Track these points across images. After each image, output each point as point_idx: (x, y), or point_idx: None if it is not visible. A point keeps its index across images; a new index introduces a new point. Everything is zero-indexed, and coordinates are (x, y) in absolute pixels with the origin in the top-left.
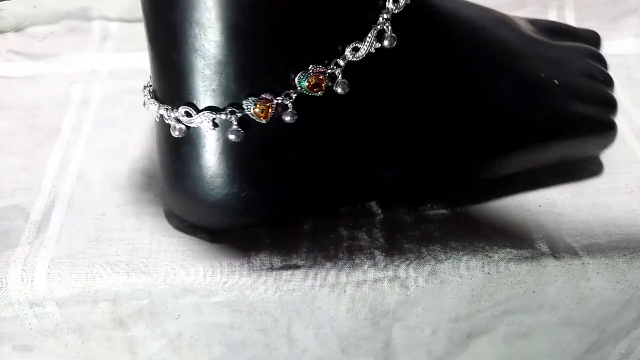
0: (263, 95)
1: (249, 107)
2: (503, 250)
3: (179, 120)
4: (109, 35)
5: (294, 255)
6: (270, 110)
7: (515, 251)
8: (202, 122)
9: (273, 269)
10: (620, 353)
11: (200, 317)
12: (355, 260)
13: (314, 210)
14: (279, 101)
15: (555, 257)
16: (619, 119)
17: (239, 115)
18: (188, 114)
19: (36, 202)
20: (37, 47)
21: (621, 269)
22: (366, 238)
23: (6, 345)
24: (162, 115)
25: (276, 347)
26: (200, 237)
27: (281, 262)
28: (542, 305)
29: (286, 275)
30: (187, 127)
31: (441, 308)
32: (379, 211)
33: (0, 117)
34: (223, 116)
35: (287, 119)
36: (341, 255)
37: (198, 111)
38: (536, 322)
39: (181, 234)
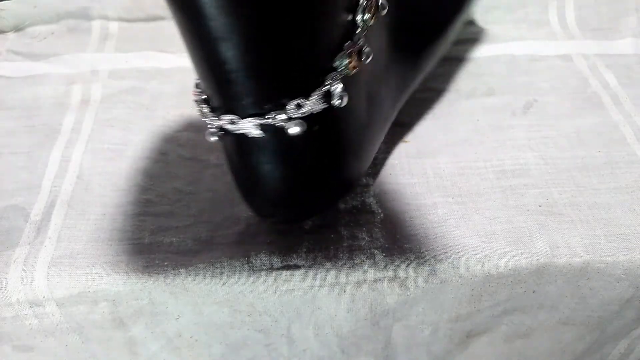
0: (349, 49)
1: (342, 63)
2: (503, 250)
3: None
4: (109, 35)
5: (294, 255)
6: (354, 61)
7: (515, 251)
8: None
9: (273, 269)
10: (620, 353)
11: (200, 317)
12: (355, 260)
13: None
14: (359, 49)
15: (555, 257)
16: (620, 119)
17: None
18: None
19: (36, 202)
20: (37, 47)
21: (621, 269)
22: (366, 238)
23: (6, 345)
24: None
25: (276, 347)
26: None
27: (281, 262)
28: (542, 305)
29: (286, 275)
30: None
31: (441, 308)
32: (379, 210)
33: (0, 117)
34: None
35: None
36: (341, 255)
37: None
38: (536, 322)
39: (181, 235)
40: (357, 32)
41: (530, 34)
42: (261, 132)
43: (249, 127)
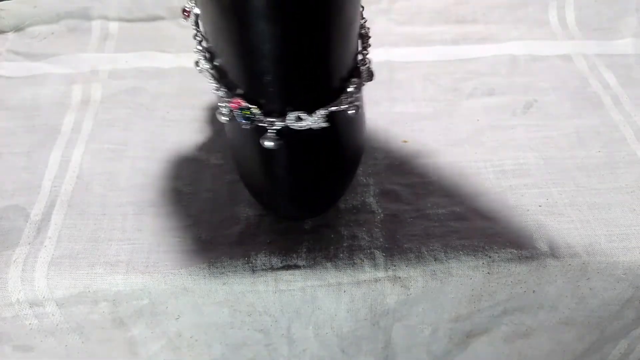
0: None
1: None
2: (503, 250)
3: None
4: (109, 35)
5: (294, 255)
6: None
7: (515, 251)
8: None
9: (273, 269)
10: (620, 353)
11: (200, 317)
12: (355, 260)
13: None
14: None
15: (555, 257)
16: (620, 119)
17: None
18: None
19: (36, 202)
20: (37, 47)
21: (621, 269)
22: (366, 238)
23: (6, 345)
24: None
25: (276, 347)
26: (201, 237)
27: (281, 262)
28: (542, 305)
29: (286, 275)
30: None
31: (441, 308)
32: (379, 210)
33: (0, 117)
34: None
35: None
36: (341, 255)
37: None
38: (536, 322)
39: (181, 235)
40: (362, 11)
41: (530, 34)
42: (327, 122)
43: (318, 119)
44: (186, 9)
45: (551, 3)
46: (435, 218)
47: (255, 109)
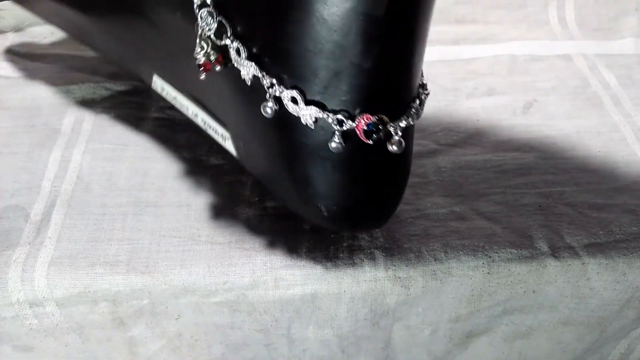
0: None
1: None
2: (503, 250)
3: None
4: None
5: (294, 255)
6: None
7: (515, 251)
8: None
9: (273, 269)
10: (620, 353)
11: (200, 317)
12: (355, 260)
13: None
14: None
15: (555, 257)
16: (620, 119)
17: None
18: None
19: (36, 202)
20: (37, 47)
21: (621, 269)
22: (366, 238)
23: (6, 345)
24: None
25: (276, 347)
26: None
27: (281, 262)
28: (542, 305)
29: (286, 275)
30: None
31: (441, 308)
32: None
33: (0, 117)
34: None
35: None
36: (341, 255)
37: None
38: (536, 322)
39: (181, 234)
40: None
41: (530, 34)
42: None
43: (421, 110)
44: (201, 62)
45: (551, 3)
46: (435, 218)
47: (385, 118)
